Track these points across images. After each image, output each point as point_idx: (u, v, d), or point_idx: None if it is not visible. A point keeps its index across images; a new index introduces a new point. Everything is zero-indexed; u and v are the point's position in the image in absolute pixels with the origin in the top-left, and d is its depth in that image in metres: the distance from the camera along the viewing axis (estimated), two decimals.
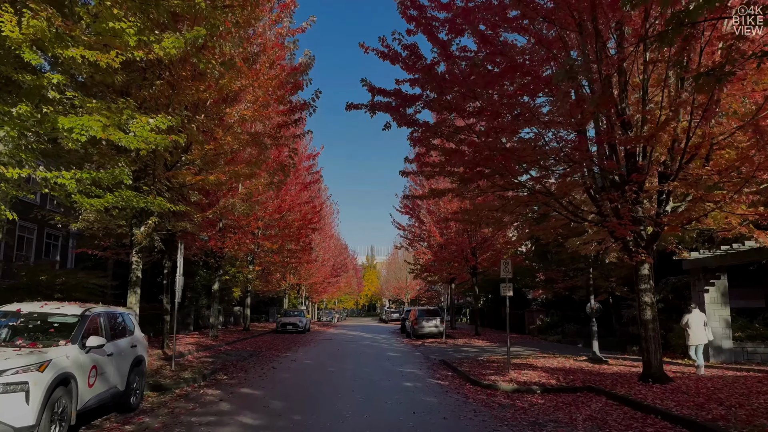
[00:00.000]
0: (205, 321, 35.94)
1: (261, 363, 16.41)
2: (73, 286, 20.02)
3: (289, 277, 40.63)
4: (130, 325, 9.59)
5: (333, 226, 47.30)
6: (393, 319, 63.07)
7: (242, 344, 23.64)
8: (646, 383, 10.83)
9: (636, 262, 10.79)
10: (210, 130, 12.46)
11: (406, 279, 64.69)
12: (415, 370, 14.78)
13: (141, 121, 8.42)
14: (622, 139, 9.79)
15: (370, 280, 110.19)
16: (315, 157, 28.61)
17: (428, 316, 28.58)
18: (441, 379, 13.05)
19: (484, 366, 14.57)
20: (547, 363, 15.25)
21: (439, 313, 28.92)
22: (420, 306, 39.21)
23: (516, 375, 12.54)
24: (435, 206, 27.62)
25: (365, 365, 15.95)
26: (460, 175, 11.64)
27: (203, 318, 35.08)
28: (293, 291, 49.13)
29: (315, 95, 13.42)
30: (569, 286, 26.56)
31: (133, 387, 9.00)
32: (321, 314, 64.81)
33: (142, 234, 12.95)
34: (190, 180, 12.22)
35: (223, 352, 19.59)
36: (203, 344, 21.36)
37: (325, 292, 55.57)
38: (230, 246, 23.14)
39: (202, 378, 12.74)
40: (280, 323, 33.42)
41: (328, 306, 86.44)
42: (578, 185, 11.33)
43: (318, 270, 42.64)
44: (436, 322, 28.22)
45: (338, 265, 57.38)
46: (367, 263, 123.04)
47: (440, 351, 20.59)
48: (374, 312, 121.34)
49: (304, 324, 33.65)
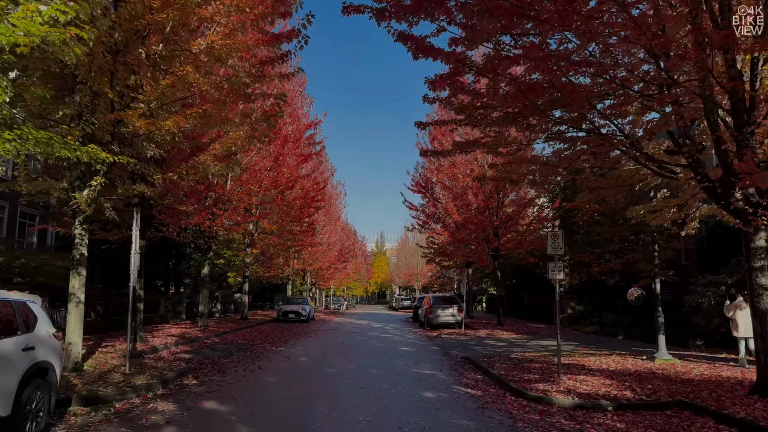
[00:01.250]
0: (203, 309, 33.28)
1: (247, 361, 13.52)
2: (34, 269, 17.26)
3: (292, 261, 37.79)
4: (32, 319, 6.65)
5: (340, 208, 44.40)
6: (404, 307, 60.23)
7: (234, 335, 20.83)
8: (765, 398, 7.76)
9: (752, 228, 7.66)
10: (170, 57, 9.45)
11: (418, 264, 61.69)
12: (435, 372, 11.80)
13: (28, 9, 5.49)
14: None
15: (379, 266, 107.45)
16: (316, 126, 25.57)
17: (444, 303, 25.60)
18: (471, 386, 10.05)
19: (523, 368, 11.53)
20: (602, 363, 12.17)
21: (456, 301, 25.92)
22: (434, 293, 36.05)
23: (571, 382, 9.52)
24: (452, 181, 24.48)
25: (373, 364, 12.99)
26: (507, 112, 8.47)
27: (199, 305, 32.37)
28: (298, 277, 46.39)
29: (306, 20, 10.31)
30: (605, 270, 23.45)
31: (30, 409, 6.10)
32: (329, 302, 62.11)
33: (85, 199, 10.00)
34: (140, 125, 9.22)
35: (207, 346, 16.76)
36: (188, 336, 18.56)
37: (332, 279, 52.77)
38: (221, 224, 20.23)
39: (162, 384, 9.86)
40: (281, 311, 30.62)
41: (337, 293, 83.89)
42: (666, 124, 8.15)
43: (323, 254, 39.73)
44: (453, 311, 25.26)
45: (346, 250, 54.43)
46: (377, 250, 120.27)
47: (461, 344, 17.62)
48: (384, 299, 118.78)
49: (308, 312, 30.84)
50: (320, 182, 28.28)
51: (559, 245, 10.35)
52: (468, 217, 23.41)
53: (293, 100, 23.59)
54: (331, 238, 39.80)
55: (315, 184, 27.78)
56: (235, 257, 28.48)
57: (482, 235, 23.82)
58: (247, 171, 21.54)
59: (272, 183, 21.66)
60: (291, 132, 22.08)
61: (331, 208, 40.48)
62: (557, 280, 10.45)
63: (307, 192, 27.13)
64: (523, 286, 31.40)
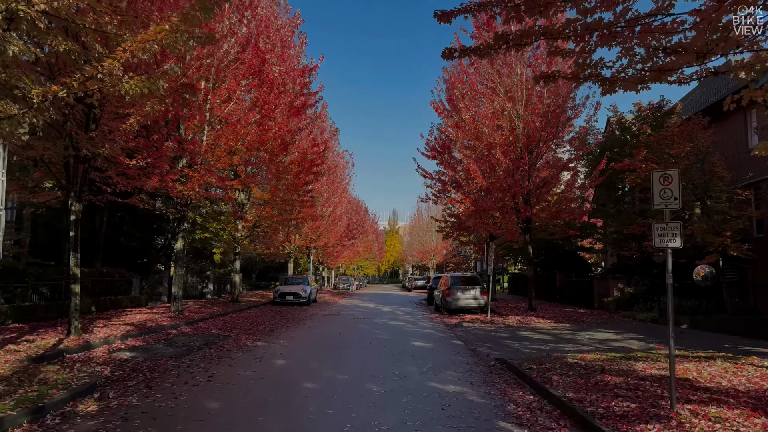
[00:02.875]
0: (192, 290, 29.81)
1: (202, 364, 9.81)
2: None
3: (293, 237, 34.08)
4: None
5: (346, 178, 40.36)
6: (417, 287, 56.55)
7: (212, 323, 17.23)
8: None
9: None
10: None
11: (432, 242, 57.77)
12: (463, 388, 7.96)
13: None
14: None
15: (392, 245, 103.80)
16: (312, 72, 21.40)
17: (465, 284, 21.74)
18: (526, 421, 6.19)
19: (600, 385, 7.58)
20: (713, 375, 8.16)
21: (478, 281, 22.05)
22: (450, 272, 32.23)
23: (702, 422, 5.59)
24: (473, 141, 20.31)
25: (374, 373, 9.18)
26: None
27: (188, 287, 28.90)
28: (302, 255, 42.81)
29: None
30: None
31: None
32: (338, 281, 58.67)
33: None
34: None
35: (167, 339, 13.14)
36: (151, 325, 14.97)
37: (340, 257, 49.09)
38: (192, 189, 16.45)
39: (34, 413, 6.18)
40: (278, 293, 27.03)
41: (347, 272, 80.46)
42: None
43: (328, 229, 35.91)
44: (475, 293, 21.41)
45: (354, 225, 50.57)
46: (389, 228, 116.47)
47: (489, 337, 13.78)
48: (396, 279, 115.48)
49: (308, 294, 27.19)
50: (319, 144, 24.26)
51: (673, 193, 6.33)
52: (494, 181, 19.34)
53: (283, 40, 19.49)
54: (336, 210, 35.89)
55: (313, 146, 23.78)
56: (222, 231, 24.77)
57: (511, 203, 19.78)
58: (226, 124, 17.65)
59: (257, 139, 17.74)
60: (279, 76, 18.02)
61: (336, 178, 36.52)
62: (670, 251, 6.42)
63: (304, 155, 23.20)
64: (554, 265, 27.39)
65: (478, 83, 20.12)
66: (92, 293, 19.10)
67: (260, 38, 17.31)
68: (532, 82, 19.00)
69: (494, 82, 19.26)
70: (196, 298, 29.20)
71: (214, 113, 17.35)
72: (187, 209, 18.57)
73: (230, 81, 16.37)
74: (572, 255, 28.78)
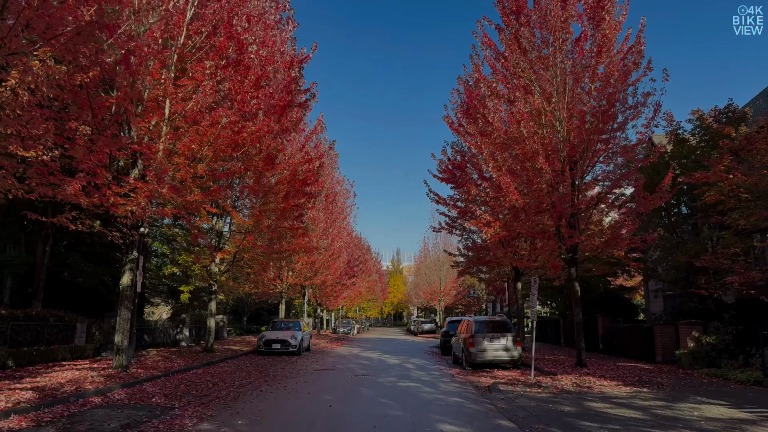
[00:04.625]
0: (162, 337, 25.24)
1: None
2: None
3: (284, 274, 29.71)
4: None
5: (346, 208, 36.18)
6: (424, 332, 51.54)
7: (162, 385, 12.82)
8: None
9: None
10: None
11: (440, 281, 53.07)
12: None
13: None
14: None
15: (395, 286, 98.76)
16: (303, 63, 17.49)
17: (492, 331, 17.30)
18: None
19: None
20: None
21: (510, 328, 17.61)
22: (464, 315, 27.71)
23: None
24: (500, 151, 16.22)
25: None
26: None
27: (157, 333, 24.37)
28: (297, 295, 38.32)
29: None
30: (750, 279, 15.11)
31: None
32: (337, 325, 53.74)
33: None
34: None
35: (73, 416, 8.76)
36: (70, 390, 10.58)
37: (340, 297, 44.43)
38: (136, 203, 12.36)
39: None
40: (262, 340, 22.50)
41: (348, 314, 75.35)
42: None
43: (326, 265, 31.51)
44: (506, 343, 16.96)
45: (355, 262, 46.06)
46: (393, 268, 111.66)
47: (548, 413, 9.32)
48: (400, 321, 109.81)
49: (299, 341, 22.65)
50: (313, 159, 20.22)
51: None
52: (531, 199, 15.20)
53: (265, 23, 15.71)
54: (335, 244, 31.58)
55: (305, 161, 19.74)
56: (195, 264, 20.47)
57: (552, 227, 15.58)
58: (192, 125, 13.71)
59: (229, 141, 13.73)
60: (257, 58, 14.12)
61: (335, 206, 32.38)
62: None
63: (294, 172, 19.16)
64: (592, 307, 22.87)
65: (508, 81, 16.26)
66: (12, 342, 14.74)
67: (234, 15, 13.52)
68: (576, 74, 15.13)
69: (528, 78, 15.39)
70: (168, 345, 24.64)
71: (176, 111, 13.41)
72: (136, 233, 14.39)
73: (195, 68, 12.51)
74: (614, 295, 24.31)
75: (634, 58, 15.17)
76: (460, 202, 22.36)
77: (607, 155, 15.12)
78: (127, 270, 14.45)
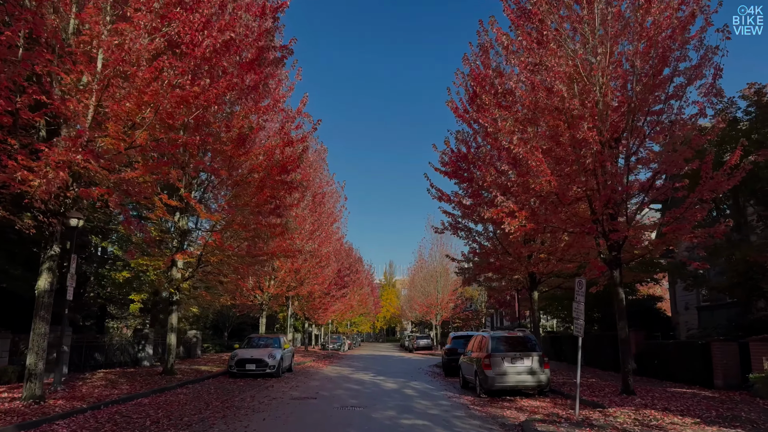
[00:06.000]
0: (120, 355, 21.63)
1: None
2: None
3: (265, 283, 26.23)
4: None
5: (336, 211, 32.76)
6: (420, 348, 47.95)
7: (76, 426, 9.37)
8: None
9: None
10: None
11: (437, 293, 49.63)
12: None
13: None
14: None
15: (388, 299, 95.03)
16: (279, 11, 14.09)
17: (513, 349, 14.01)
18: None
19: None
20: None
21: (534, 345, 14.30)
22: (485, 330, 24.44)
23: None
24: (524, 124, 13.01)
25: None
26: None
27: (112, 352, 20.78)
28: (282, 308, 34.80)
29: None
30: None
31: None
32: (327, 340, 50.02)
33: None
34: None
35: None
36: None
37: (329, 311, 40.83)
38: (43, 174, 9.04)
39: None
40: (234, 360, 18.99)
41: (339, 329, 71.55)
42: None
43: (313, 273, 28.02)
44: (532, 364, 13.66)
45: (345, 272, 42.50)
46: (385, 281, 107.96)
47: None
48: (393, 337, 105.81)
49: (278, 361, 19.16)
50: (294, 141, 16.85)
51: None
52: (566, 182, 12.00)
53: None
54: (322, 249, 28.14)
55: (285, 143, 16.43)
56: (147, 269, 16.96)
57: (593, 219, 12.36)
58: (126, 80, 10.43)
59: (178, 101, 10.45)
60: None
61: (323, 208, 28.95)
62: None
63: (271, 154, 15.87)
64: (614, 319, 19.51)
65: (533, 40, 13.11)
66: None
67: None
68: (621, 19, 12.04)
69: (557, 29, 12.30)
70: (128, 365, 21.10)
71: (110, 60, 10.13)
72: (57, 222, 11.00)
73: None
74: (646, 307, 21.07)
75: (690, 8, 12.11)
76: (467, 198, 19.12)
77: (660, 128, 11.92)
78: (44, 270, 11.03)
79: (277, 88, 17.17)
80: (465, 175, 20.66)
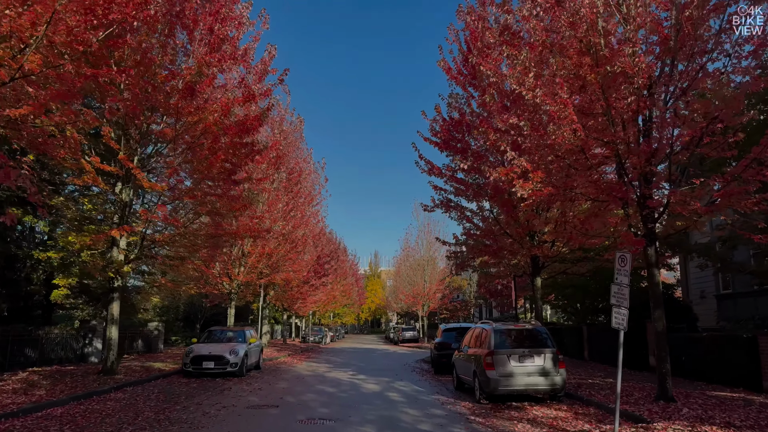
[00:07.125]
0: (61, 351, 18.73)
1: None
2: None
3: (233, 270, 23.41)
4: None
5: (315, 194, 29.87)
6: (406, 340, 45.53)
7: None
8: None
9: None
10: None
11: (424, 282, 47.12)
12: None
13: None
14: None
15: (373, 290, 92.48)
16: None
17: (521, 345, 11.51)
18: None
19: None
20: None
21: (545, 341, 11.76)
22: (485, 321, 21.80)
23: None
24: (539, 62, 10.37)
25: None
26: None
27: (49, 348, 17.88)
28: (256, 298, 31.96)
29: None
30: None
31: None
32: (308, 333, 47.32)
33: None
34: None
35: None
36: None
37: (309, 301, 38.07)
38: None
39: None
40: (189, 357, 16.24)
41: (323, 321, 68.87)
42: None
43: (287, 258, 25.22)
44: (544, 363, 11.17)
45: (326, 258, 39.70)
46: (370, 271, 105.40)
47: None
48: (378, 328, 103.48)
49: (241, 357, 16.43)
50: (256, 95, 14.03)
51: None
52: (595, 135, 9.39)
53: None
54: (298, 231, 25.34)
55: (246, 97, 13.62)
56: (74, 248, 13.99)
57: (633, 176, 9.82)
58: None
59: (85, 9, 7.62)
60: None
61: (300, 188, 26.07)
62: None
63: (227, 109, 13.06)
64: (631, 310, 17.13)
65: None
66: None
67: None
68: None
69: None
70: (71, 362, 18.24)
71: None
72: None
73: None
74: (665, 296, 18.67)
75: None
76: (465, 162, 16.49)
77: (720, 51, 9.28)
78: None
79: (238, 35, 14.32)
80: (459, 146, 18.11)
